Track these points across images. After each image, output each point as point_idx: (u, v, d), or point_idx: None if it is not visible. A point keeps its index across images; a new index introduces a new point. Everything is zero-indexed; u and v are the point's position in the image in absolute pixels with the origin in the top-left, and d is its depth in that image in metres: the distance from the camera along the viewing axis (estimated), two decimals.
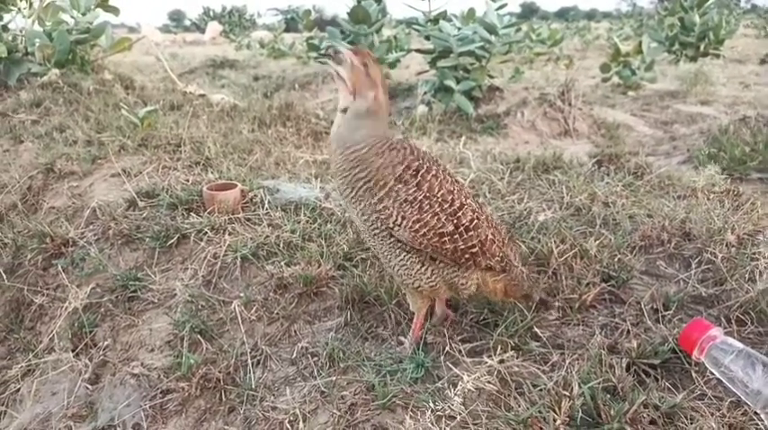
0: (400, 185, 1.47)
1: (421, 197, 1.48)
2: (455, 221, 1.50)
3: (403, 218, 1.47)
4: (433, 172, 1.51)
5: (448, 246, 1.51)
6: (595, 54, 12.89)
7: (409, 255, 1.54)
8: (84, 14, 5.45)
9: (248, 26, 23.85)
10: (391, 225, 1.48)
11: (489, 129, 5.13)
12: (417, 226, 1.48)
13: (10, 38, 5.43)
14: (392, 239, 1.52)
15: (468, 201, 1.56)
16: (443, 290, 1.62)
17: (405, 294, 1.82)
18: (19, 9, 5.47)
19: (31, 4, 5.50)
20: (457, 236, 1.51)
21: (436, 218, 1.48)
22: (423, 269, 1.55)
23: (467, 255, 1.54)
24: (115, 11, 5.67)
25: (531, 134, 5.17)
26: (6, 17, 5.53)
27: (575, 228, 2.25)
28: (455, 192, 1.53)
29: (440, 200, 1.49)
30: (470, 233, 1.52)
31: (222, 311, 1.99)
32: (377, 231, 1.52)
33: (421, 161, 1.51)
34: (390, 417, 1.42)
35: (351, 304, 1.89)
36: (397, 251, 1.54)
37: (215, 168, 3.08)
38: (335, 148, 1.51)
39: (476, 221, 1.54)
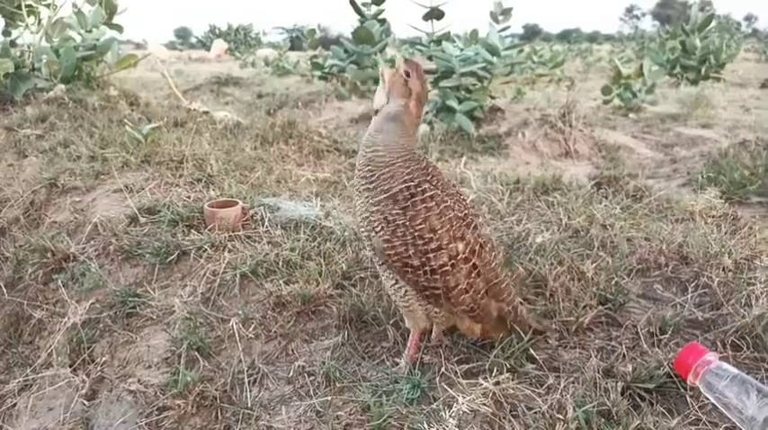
0: (390, 202, 1.50)
1: (400, 222, 1.48)
2: (422, 259, 1.47)
3: (381, 229, 1.50)
4: (428, 203, 1.49)
5: (410, 277, 1.50)
6: (597, 76, 12.99)
7: (385, 266, 1.56)
8: (90, 31, 5.53)
9: (253, 44, 24.05)
10: (371, 229, 1.52)
11: (490, 150, 5.16)
12: (386, 245, 1.49)
13: (17, 53, 5.50)
14: (370, 243, 1.55)
15: (453, 245, 1.48)
16: (420, 314, 1.60)
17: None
18: (27, 25, 5.55)
19: (39, 21, 5.59)
20: (420, 272, 1.49)
21: (404, 247, 1.48)
22: (397, 286, 1.57)
23: (427, 292, 1.52)
24: (119, 28, 5.75)
25: (531, 155, 5.20)
26: (14, 33, 5.61)
27: (572, 251, 2.26)
28: (440, 231, 1.47)
29: (416, 233, 1.47)
30: (435, 276, 1.48)
31: (220, 329, 1.99)
32: (363, 230, 1.56)
33: (424, 188, 1.50)
34: None
35: (348, 323, 1.89)
36: (376, 258, 1.57)
37: (217, 185, 3.10)
38: (362, 145, 1.57)
39: (447, 268, 1.48)
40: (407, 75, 1.52)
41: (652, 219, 2.68)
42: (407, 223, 1.47)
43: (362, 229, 1.58)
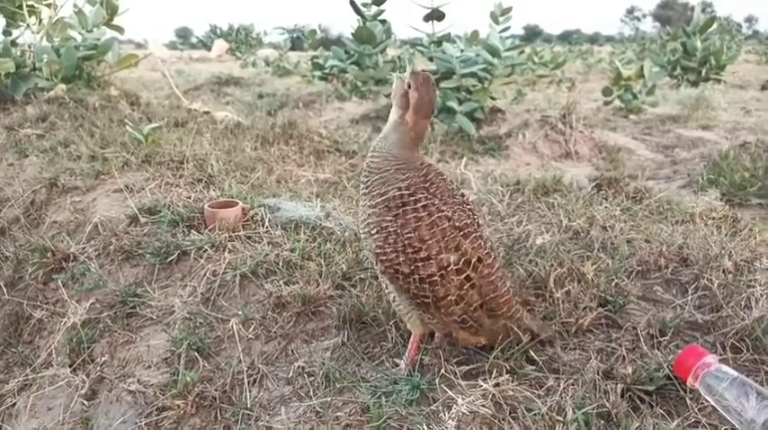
0: (384, 208, 1.51)
1: (391, 229, 1.48)
2: (412, 268, 1.48)
3: (376, 233, 1.51)
4: (419, 213, 1.48)
5: (401, 283, 1.51)
6: (597, 77, 12.99)
7: (378, 271, 1.57)
8: (91, 31, 5.53)
9: (254, 44, 23.98)
10: (368, 232, 1.54)
11: (491, 151, 5.17)
12: (378, 251, 1.51)
13: (18, 53, 5.50)
14: (367, 245, 1.57)
15: (443, 256, 1.47)
16: (414, 318, 1.60)
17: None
18: (28, 25, 5.55)
19: (40, 21, 5.59)
20: (410, 280, 1.49)
21: (395, 255, 1.48)
22: (387, 290, 1.59)
23: (417, 301, 1.52)
24: (120, 30, 5.75)
25: (532, 156, 5.20)
26: (15, 32, 5.61)
27: (572, 252, 2.26)
28: (430, 242, 1.46)
29: (406, 242, 1.47)
30: (424, 285, 1.48)
31: (220, 329, 2.00)
32: (363, 233, 1.58)
33: (418, 197, 1.50)
34: None
35: (348, 324, 1.89)
36: (374, 260, 1.58)
37: (217, 186, 3.10)
38: None
39: (435, 278, 1.47)
40: (409, 86, 1.51)
41: (652, 221, 2.68)
42: (398, 230, 1.48)
43: (362, 232, 1.59)
